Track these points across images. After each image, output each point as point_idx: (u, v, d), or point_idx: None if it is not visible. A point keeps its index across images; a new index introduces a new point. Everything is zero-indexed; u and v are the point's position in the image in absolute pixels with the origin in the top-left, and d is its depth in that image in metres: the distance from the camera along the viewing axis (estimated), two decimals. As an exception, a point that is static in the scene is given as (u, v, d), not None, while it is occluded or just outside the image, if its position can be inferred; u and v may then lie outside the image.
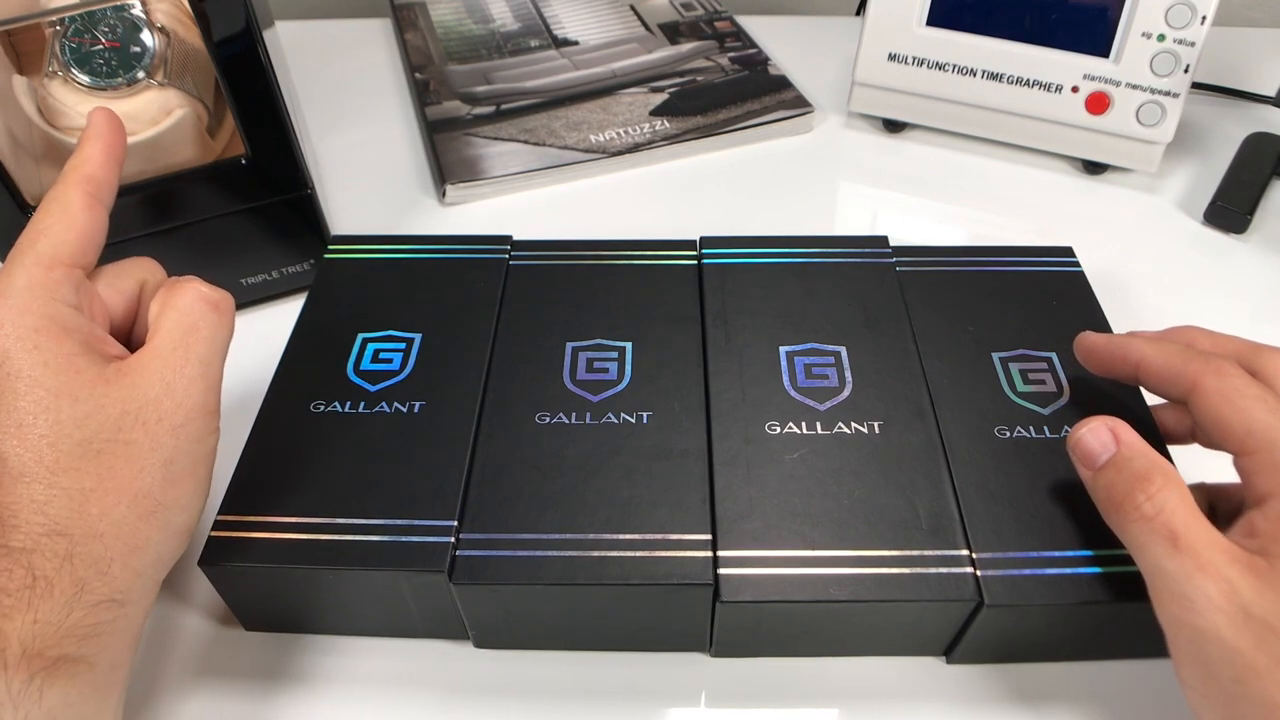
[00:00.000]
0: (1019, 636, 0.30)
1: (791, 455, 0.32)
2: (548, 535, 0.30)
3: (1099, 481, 0.28)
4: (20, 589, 0.23)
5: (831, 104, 0.59)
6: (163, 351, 0.27)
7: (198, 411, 0.27)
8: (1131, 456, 0.27)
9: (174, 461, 0.27)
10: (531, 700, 0.31)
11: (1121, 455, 0.28)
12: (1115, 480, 0.27)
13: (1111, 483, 0.27)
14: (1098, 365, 0.32)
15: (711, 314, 0.37)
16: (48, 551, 0.24)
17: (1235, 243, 0.49)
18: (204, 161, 0.41)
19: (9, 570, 0.24)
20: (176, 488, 0.27)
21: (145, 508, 0.26)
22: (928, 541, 0.29)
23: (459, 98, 0.58)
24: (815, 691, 0.31)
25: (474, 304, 0.37)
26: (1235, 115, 0.57)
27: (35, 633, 0.23)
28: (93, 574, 0.25)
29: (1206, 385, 0.27)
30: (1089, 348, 0.32)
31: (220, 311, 0.29)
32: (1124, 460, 0.27)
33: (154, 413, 0.26)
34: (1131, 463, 0.27)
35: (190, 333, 0.28)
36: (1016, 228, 0.50)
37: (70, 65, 0.38)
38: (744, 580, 0.29)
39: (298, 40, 0.61)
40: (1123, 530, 0.27)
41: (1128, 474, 0.27)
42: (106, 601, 0.25)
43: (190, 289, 0.29)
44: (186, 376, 0.27)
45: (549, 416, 0.33)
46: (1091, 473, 0.28)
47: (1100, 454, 0.28)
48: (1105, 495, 0.28)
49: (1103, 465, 0.28)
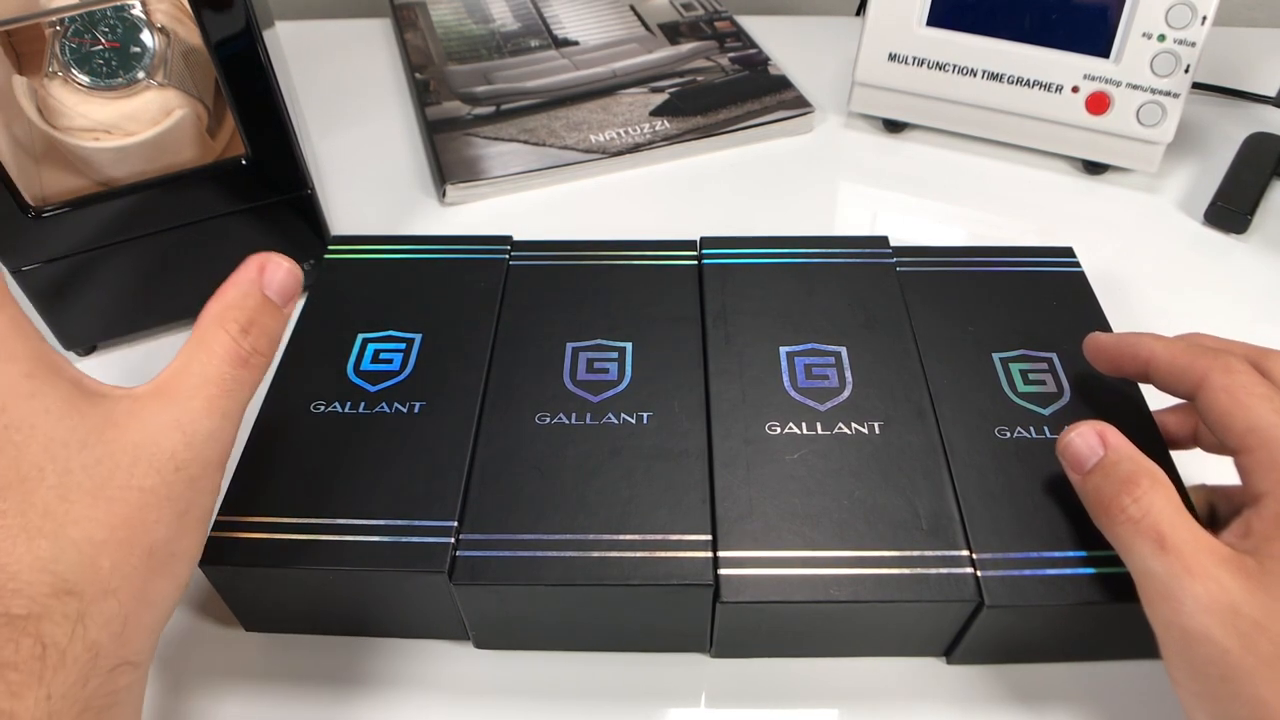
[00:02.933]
0: (1019, 637, 0.30)
1: (792, 455, 0.32)
2: (548, 535, 0.30)
3: (1087, 485, 0.28)
4: (29, 661, 0.21)
5: (831, 104, 0.59)
6: (182, 397, 0.25)
7: (214, 465, 0.25)
8: (1118, 460, 0.27)
9: (188, 512, 0.25)
10: (531, 700, 0.31)
11: (1108, 459, 0.28)
12: (1102, 484, 0.27)
13: (1099, 486, 0.27)
14: (1107, 363, 0.32)
15: (712, 314, 0.37)
16: (57, 615, 0.21)
17: (1235, 243, 0.49)
18: (204, 161, 0.41)
19: (14, 641, 0.21)
20: (188, 538, 0.25)
21: (159, 560, 0.24)
22: (928, 542, 0.29)
23: (459, 98, 0.58)
24: (815, 692, 0.31)
25: (474, 304, 0.37)
26: (1235, 115, 0.57)
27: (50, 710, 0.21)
28: (106, 636, 0.22)
29: (1214, 381, 0.27)
30: (1098, 346, 0.32)
31: (250, 369, 0.27)
32: (1110, 464, 0.28)
33: (169, 461, 0.24)
34: (1118, 466, 0.27)
35: (215, 384, 0.26)
36: (1016, 228, 0.50)
37: (70, 65, 0.38)
38: (744, 580, 0.29)
39: (298, 40, 0.61)
40: (1111, 533, 0.27)
41: (1114, 477, 0.27)
42: (122, 665, 0.23)
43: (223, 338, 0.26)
44: (206, 429, 0.25)
45: (549, 417, 0.33)
46: (1080, 477, 0.28)
47: (1088, 458, 0.28)
48: (1094, 499, 0.28)
49: (1090, 469, 0.28)
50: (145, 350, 0.44)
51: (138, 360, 0.43)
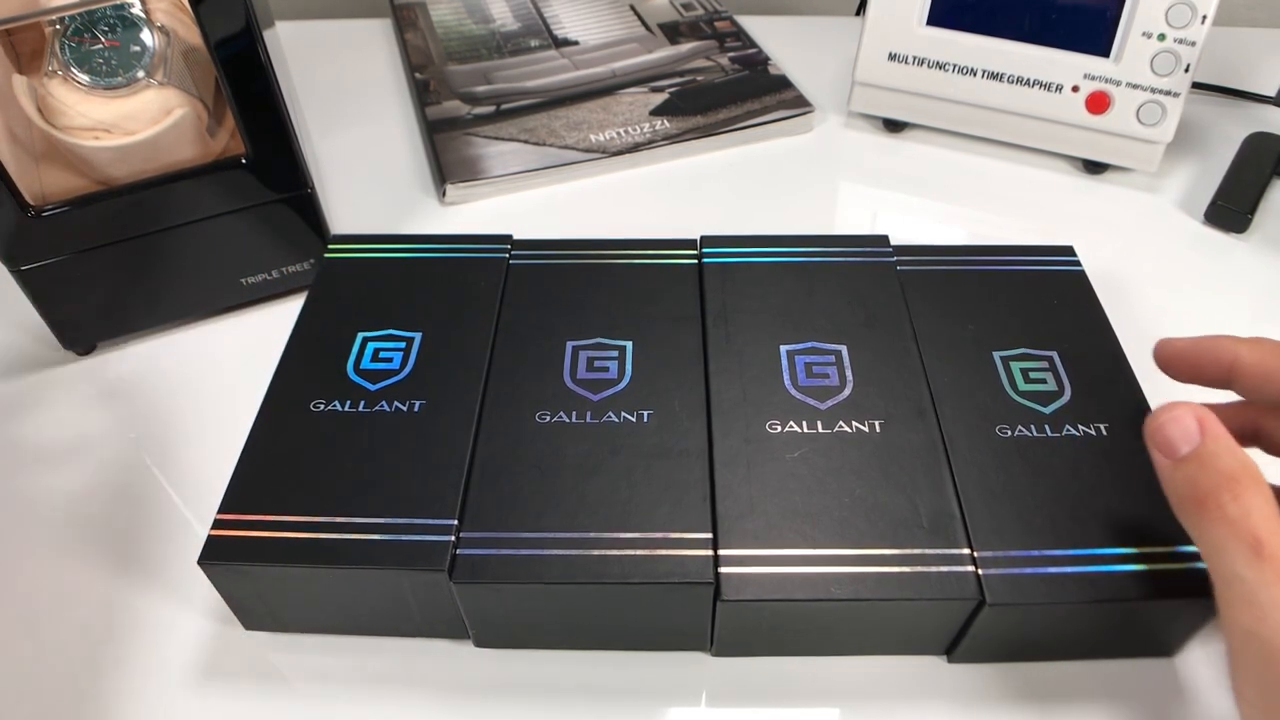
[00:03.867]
0: (1020, 635, 0.30)
1: (792, 454, 0.32)
2: (548, 534, 0.30)
3: (1178, 474, 0.26)
4: None
5: (831, 104, 0.59)
6: None
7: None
8: (1218, 452, 0.25)
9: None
10: (531, 700, 0.31)
11: (1207, 449, 0.25)
12: (1199, 476, 0.25)
13: (1194, 478, 0.25)
14: (1184, 367, 0.30)
15: (712, 313, 0.37)
16: None
17: (1235, 242, 0.49)
18: (204, 161, 0.41)
19: None
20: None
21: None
22: (929, 540, 0.29)
23: (459, 97, 0.58)
24: (816, 691, 0.31)
25: (474, 303, 0.37)
26: (1235, 115, 0.57)
27: None
28: None
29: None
30: (1172, 351, 0.30)
31: None
32: (1209, 455, 0.25)
33: None
34: (1218, 459, 0.25)
35: None
36: (1016, 227, 0.50)
37: (70, 65, 0.38)
38: (745, 579, 0.29)
39: (298, 40, 0.61)
40: (1200, 529, 0.25)
41: (1213, 471, 0.25)
42: None
43: None
44: None
45: (549, 415, 0.33)
46: (1171, 463, 0.26)
47: (1182, 445, 0.26)
48: (1186, 490, 0.25)
49: (1184, 457, 0.26)
50: (145, 350, 0.44)
51: (138, 360, 0.43)
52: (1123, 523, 0.30)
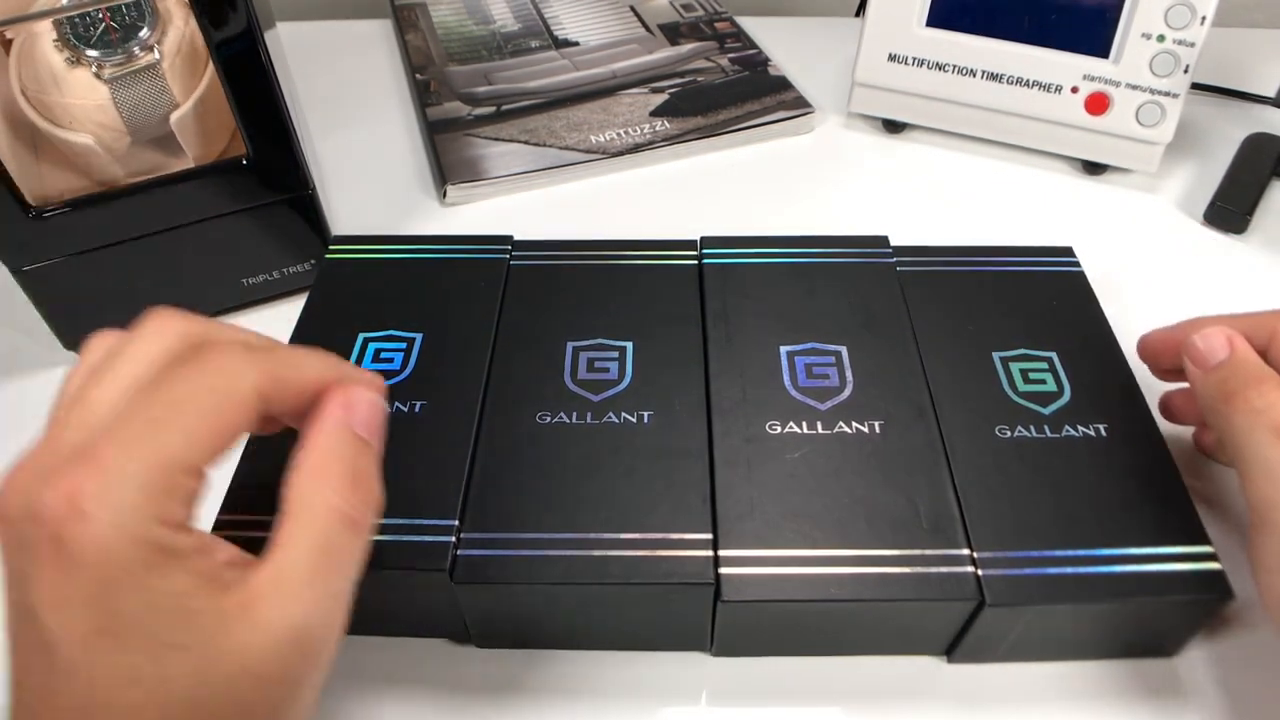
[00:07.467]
0: (1020, 636, 0.30)
1: (792, 455, 0.32)
2: (549, 535, 0.30)
3: (1211, 378, 0.30)
4: None
5: (831, 104, 0.59)
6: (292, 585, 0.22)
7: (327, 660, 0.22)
8: (1247, 360, 0.30)
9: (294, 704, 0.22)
10: (532, 700, 0.31)
11: (1238, 357, 0.30)
12: (1229, 377, 0.29)
13: (1225, 379, 0.29)
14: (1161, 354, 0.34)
15: (712, 314, 0.37)
16: None
17: (1235, 243, 0.49)
18: (204, 161, 0.41)
19: None
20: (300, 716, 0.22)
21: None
22: (929, 541, 0.29)
23: (460, 98, 0.58)
24: (816, 691, 0.31)
25: (475, 304, 0.37)
26: (1235, 115, 0.57)
27: None
28: None
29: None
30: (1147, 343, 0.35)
31: (359, 530, 0.24)
32: (1239, 362, 0.30)
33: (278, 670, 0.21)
34: (1246, 365, 0.29)
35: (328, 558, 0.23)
36: (1016, 228, 0.50)
37: (70, 39, 0.38)
38: (745, 579, 0.29)
39: (298, 40, 0.61)
40: (1228, 420, 0.29)
41: (1242, 373, 0.29)
42: None
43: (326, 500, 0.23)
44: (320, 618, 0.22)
45: (550, 416, 0.33)
46: (1202, 372, 0.30)
47: (1213, 356, 0.30)
48: (1216, 390, 0.29)
49: (1216, 365, 0.30)
50: (145, 350, 0.44)
51: (138, 360, 0.43)
52: (1122, 523, 0.30)
